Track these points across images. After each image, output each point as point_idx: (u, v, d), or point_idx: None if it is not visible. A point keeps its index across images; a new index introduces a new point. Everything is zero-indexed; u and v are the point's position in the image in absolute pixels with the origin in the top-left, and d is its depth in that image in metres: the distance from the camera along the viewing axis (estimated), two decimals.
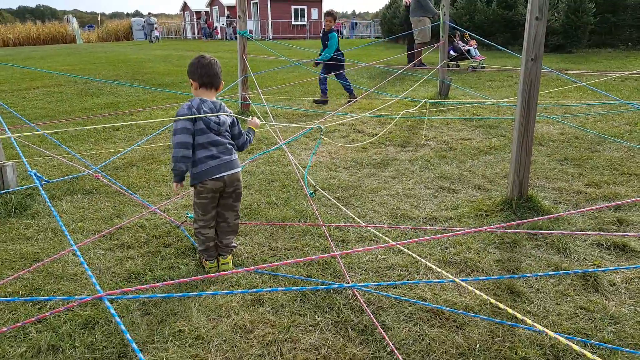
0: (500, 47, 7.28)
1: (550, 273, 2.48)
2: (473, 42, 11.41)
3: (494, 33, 15.34)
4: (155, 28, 32.99)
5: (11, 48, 31.87)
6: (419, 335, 2.15)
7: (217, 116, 2.55)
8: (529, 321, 1.22)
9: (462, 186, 4.03)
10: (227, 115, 2.62)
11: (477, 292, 1.41)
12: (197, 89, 2.60)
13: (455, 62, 11.21)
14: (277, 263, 1.26)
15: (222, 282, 2.62)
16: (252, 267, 1.26)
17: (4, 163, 3.80)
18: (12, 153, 4.88)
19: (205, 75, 2.56)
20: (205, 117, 2.51)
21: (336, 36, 7.39)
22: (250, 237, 3.14)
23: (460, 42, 11.28)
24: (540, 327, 1.19)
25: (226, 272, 1.29)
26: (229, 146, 2.62)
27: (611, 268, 2.64)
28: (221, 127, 2.57)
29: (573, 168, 4.41)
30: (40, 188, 2.63)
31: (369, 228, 3.20)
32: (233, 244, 2.82)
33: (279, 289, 1.59)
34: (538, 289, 2.49)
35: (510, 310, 1.31)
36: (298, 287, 2.53)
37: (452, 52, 11.11)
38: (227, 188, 2.62)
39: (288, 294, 2.46)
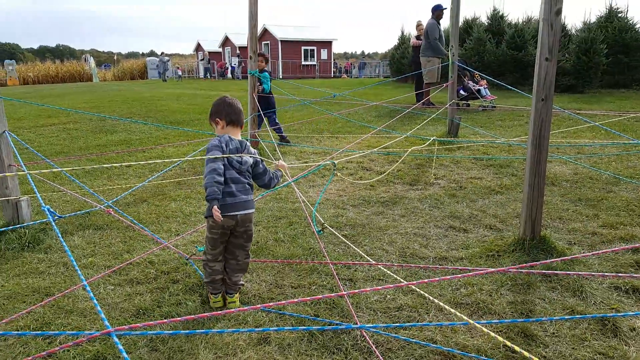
0: (510, 86, 7.39)
1: (567, 317, 2.43)
2: (483, 82, 11.51)
3: (503, 73, 15.56)
4: (177, 67, 34.01)
5: (31, 86, 32.95)
6: None
7: (240, 157, 2.61)
8: None
9: (473, 226, 4.00)
10: (250, 156, 2.67)
11: (492, 334, 1.38)
12: (223, 127, 2.69)
13: (465, 102, 11.29)
14: (283, 302, 1.26)
15: (229, 319, 2.59)
16: (259, 306, 1.26)
17: (20, 198, 3.86)
18: (27, 188, 4.97)
19: (232, 113, 2.68)
20: (229, 156, 2.58)
21: (268, 76, 7.55)
22: (257, 275, 3.12)
23: (470, 82, 11.39)
24: None
25: (232, 310, 1.29)
26: (247, 186, 2.66)
27: (632, 313, 2.56)
28: (242, 166, 2.63)
29: (588, 209, 4.37)
30: (53, 223, 2.66)
31: (378, 267, 3.17)
32: (241, 282, 2.80)
33: (286, 328, 1.58)
34: (553, 333, 2.43)
35: (526, 354, 1.28)
36: (305, 327, 2.49)
37: (462, 92, 11.19)
38: (238, 227, 2.63)
39: (295, 334, 2.42)
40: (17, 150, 3.91)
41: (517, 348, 1.30)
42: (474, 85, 11.36)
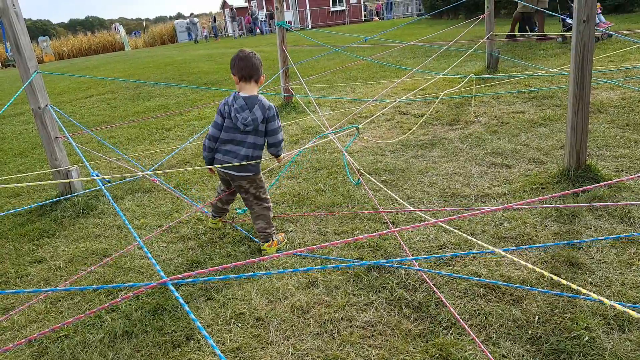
0: (551, 12, 6.89)
1: (611, 237, 2.38)
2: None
3: None
4: (203, 27, 33.77)
5: (66, 60, 33.79)
6: (474, 310, 2.14)
7: (240, 115, 2.66)
8: (583, 291, 1.19)
9: (516, 161, 3.90)
10: (260, 114, 2.66)
11: (530, 265, 1.38)
12: (237, 83, 2.70)
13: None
14: (326, 244, 1.30)
15: (278, 267, 2.71)
16: (303, 249, 1.31)
17: (69, 168, 4.08)
18: (76, 159, 5.23)
19: (243, 68, 2.65)
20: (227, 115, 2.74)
21: None
22: (300, 224, 3.21)
23: None
24: (595, 296, 1.16)
25: (273, 256, 1.35)
26: (247, 147, 2.70)
27: None
28: (247, 127, 2.66)
29: (636, 134, 4.15)
30: (104, 189, 2.81)
31: (420, 208, 3.18)
32: (266, 231, 2.87)
33: (340, 265, 1.64)
34: (600, 260, 2.40)
35: (564, 281, 1.28)
36: (362, 262, 2.55)
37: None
38: (233, 182, 2.84)
39: (341, 276, 2.51)
40: (61, 123, 4.08)
41: (555, 277, 1.30)
42: None
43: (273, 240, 2.92)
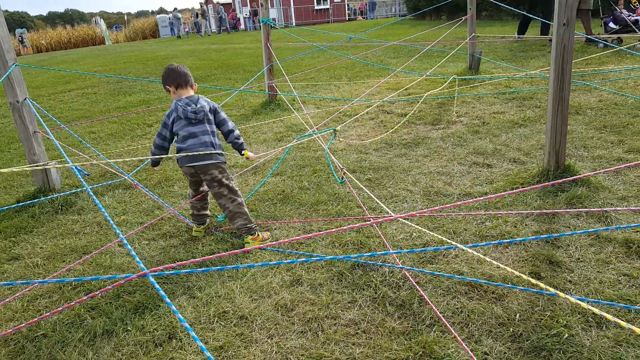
0: (532, 16, 6.99)
1: (588, 231, 2.43)
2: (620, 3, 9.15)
3: (525, 2, 14.74)
4: (184, 23, 33.34)
5: (44, 53, 33.01)
6: (457, 308, 2.16)
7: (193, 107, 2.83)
8: (561, 294, 1.21)
9: (497, 160, 3.96)
10: (205, 104, 2.87)
11: (509, 269, 1.40)
12: (174, 92, 2.91)
13: (617, 36, 8.89)
14: (310, 234, 1.29)
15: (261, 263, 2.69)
16: (285, 240, 1.31)
17: (48, 163, 3.99)
18: (54, 154, 5.11)
19: (177, 77, 2.89)
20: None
21: None
22: (285, 222, 3.20)
23: (624, 11, 9.10)
24: (572, 300, 1.18)
25: (257, 247, 1.34)
26: (208, 137, 2.84)
27: None
28: (198, 115, 2.82)
29: (613, 135, 4.26)
30: (83, 181, 2.75)
31: (404, 206, 3.20)
32: (247, 225, 2.92)
33: (324, 257, 1.64)
34: (578, 258, 2.45)
35: (540, 284, 1.30)
36: (346, 256, 2.57)
37: (611, 25, 9.04)
38: (203, 176, 2.88)
39: (325, 274, 2.51)
40: (40, 117, 3.99)
41: (533, 281, 1.33)
42: (629, 15, 9.00)
43: (258, 235, 2.93)
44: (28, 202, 3.75)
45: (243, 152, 2.99)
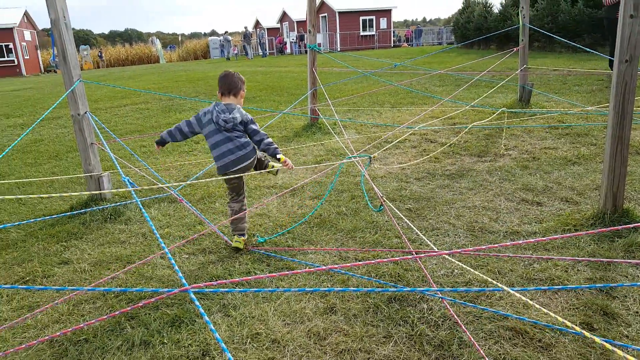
0: (587, 49, 6.82)
1: None
2: None
3: (580, 34, 14.40)
4: (235, 46, 34.59)
5: (103, 69, 34.96)
6: (500, 354, 2.05)
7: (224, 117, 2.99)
8: (619, 352, 1.12)
9: (548, 199, 3.79)
10: (238, 116, 3.00)
11: (560, 318, 1.31)
12: (220, 97, 3.13)
13: None
14: (348, 264, 1.26)
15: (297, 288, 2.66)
16: (325, 267, 1.28)
17: (102, 174, 4.15)
18: (108, 165, 5.33)
19: (222, 85, 3.08)
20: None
21: None
22: (320, 246, 3.17)
23: None
24: (624, 356, 1.08)
25: (296, 272, 1.32)
26: (238, 144, 3.01)
27: None
28: (228, 124, 2.97)
29: None
30: (133, 193, 2.84)
31: (445, 240, 3.11)
32: (240, 229, 3.15)
33: (364, 289, 1.59)
34: (637, 312, 2.28)
35: (597, 340, 1.21)
36: (384, 289, 2.50)
37: None
38: (232, 181, 3.12)
39: (360, 305, 2.45)
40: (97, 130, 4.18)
41: (588, 334, 1.23)
42: None
43: (245, 236, 3.17)
44: (81, 210, 3.91)
45: (279, 156, 2.97)
